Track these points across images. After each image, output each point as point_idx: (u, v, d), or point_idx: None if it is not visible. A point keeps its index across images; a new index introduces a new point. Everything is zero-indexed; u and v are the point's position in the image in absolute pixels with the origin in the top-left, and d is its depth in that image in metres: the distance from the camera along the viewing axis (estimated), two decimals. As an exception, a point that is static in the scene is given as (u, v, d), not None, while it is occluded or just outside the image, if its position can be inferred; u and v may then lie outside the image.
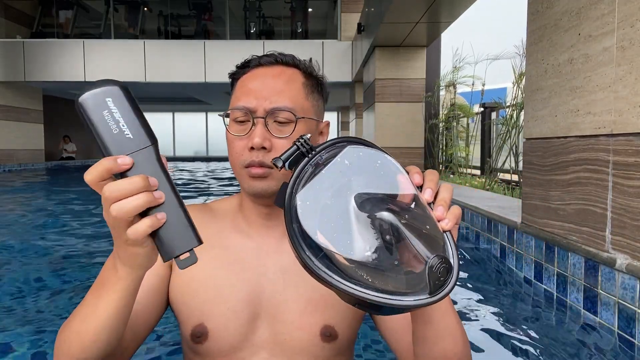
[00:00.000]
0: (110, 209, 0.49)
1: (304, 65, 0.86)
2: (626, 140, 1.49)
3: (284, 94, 0.80)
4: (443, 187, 0.58)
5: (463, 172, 7.31)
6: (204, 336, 0.80)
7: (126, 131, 0.50)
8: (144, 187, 0.49)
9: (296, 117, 0.79)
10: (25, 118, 13.50)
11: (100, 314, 0.59)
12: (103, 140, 0.50)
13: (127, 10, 14.15)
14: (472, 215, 2.98)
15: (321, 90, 0.87)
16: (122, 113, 0.51)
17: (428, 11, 6.19)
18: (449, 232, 0.55)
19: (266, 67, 0.83)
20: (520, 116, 5.21)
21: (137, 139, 0.51)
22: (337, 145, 0.57)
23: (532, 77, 2.14)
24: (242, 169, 0.80)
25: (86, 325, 0.60)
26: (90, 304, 0.60)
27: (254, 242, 0.85)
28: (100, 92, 0.51)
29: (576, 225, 1.76)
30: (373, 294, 0.48)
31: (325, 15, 14.79)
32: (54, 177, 10.42)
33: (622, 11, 1.52)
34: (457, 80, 7.69)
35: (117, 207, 0.49)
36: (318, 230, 0.49)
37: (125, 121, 0.51)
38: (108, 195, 0.49)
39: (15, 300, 2.04)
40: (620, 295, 1.49)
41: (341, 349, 0.85)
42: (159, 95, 15.98)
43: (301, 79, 0.83)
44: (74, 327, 0.62)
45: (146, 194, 0.49)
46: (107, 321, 0.59)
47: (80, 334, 0.61)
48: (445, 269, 0.49)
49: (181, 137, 21.99)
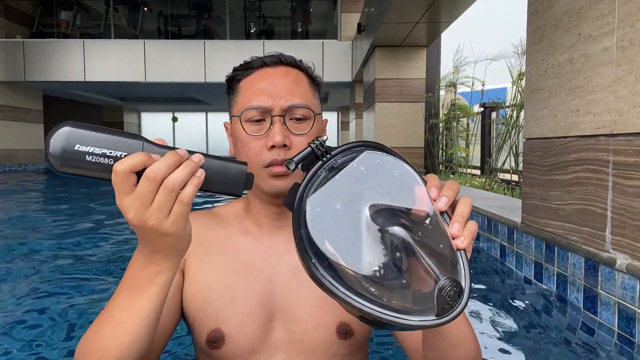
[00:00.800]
0: (166, 183, 0.51)
1: (305, 66, 0.87)
2: (626, 140, 1.49)
3: (296, 92, 0.81)
4: (462, 200, 0.56)
5: (463, 172, 7.31)
6: (221, 341, 0.80)
7: (116, 153, 0.50)
8: (181, 158, 0.52)
9: (314, 113, 0.81)
10: (25, 118, 13.50)
11: (139, 312, 0.58)
12: (108, 176, 0.50)
13: (127, 10, 14.15)
14: (472, 215, 2.98)
15: (319, 90, 0.90)
16: (97, 143, 0.49)
17: (428, 11, 6.19)
18: (463, 251, 0.52)
19: (272, 67, 0.83)
20: (520, 116, 5.21)
21: (130, 149, 0.51)
22: (354, 149, 0.54)
23: (532, 77, 2.14)
24: (261, 169, 0.79)
25: (123, 327, 0.58)
26: (125, 306, 0.58)
27: (264, 244, 0.85)
28: (64, 147, 0.48)
29: (576, 225, 1.76)
30: (378, 309, 0.46)
31: (325, 15, 14.79)
32: (54, 176, 10.43)
33: (622, 11, 1.52)
34: (457, 81, 7.70)
35: (171, 180, 0.51)
36: (326, 239, 0.47)
37: (107, 147, 0.50)
38: (155, 174, 0.50)
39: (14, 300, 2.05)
40: (620, 295, 1.49)
41: (357, 346, 0.85)
42: (159, 95, 15.97)
43: (306, 79, 0.85)
44: (107, 334, 0.59)
45: (187, 162, 0.52)
46: (146, 319, 0.58)
47: (118, 338, 0.59)
48: (455, 293, 0.47)
49: (181, 137, 21.98)
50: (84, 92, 15.16)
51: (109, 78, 12.35)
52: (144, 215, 0.51)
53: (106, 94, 16.02)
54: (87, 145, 0.49)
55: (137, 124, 21.59)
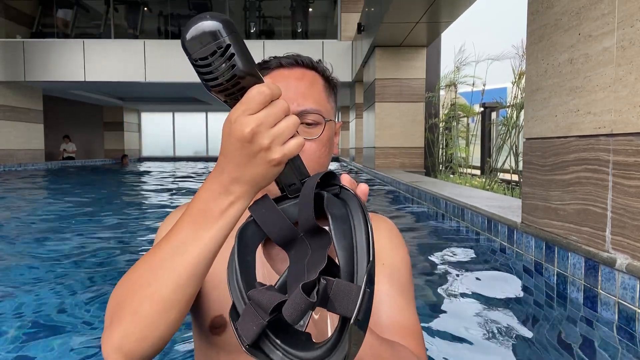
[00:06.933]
0: (292, 115, 0.52)
1: (322, 67, 0.86)
2: (626, 140, 1.49)
3: (310, 96, 0.80)
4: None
5: (463, 172, 7.31)
6: (223, 327, 0.80)
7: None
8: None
9: (325, 119, 0.80)
10: (25, 118, 13.50)
11: (205, 243, 0.56)
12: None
13: (127, 10, 14.15)
14: (472, 215, 2.98)
15: (335, 92, 0.88)
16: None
17: (428, 11, 6.19)
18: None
19: (288, 69, 0.83)
20: (520, 116, 5.21)
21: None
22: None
23: (532, 77, 2.14)
24: None
25: (184, 258, 0.56)
26: (189, 238, 0.56)
27: None
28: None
29: (576, 225, 1.76)
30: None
31: (325, 15, 14.79)
32: (55, 177, 10.43)
33: (622, 11, 1.52)
34: (457, 80, 7.71)
35: (296, 118, 0.52)
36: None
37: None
38: (288, 106, 0.52)
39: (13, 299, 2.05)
40: (620, 295, 1.49)
41: None
42: (159, 95, 15.98)
43: (321, 82, 0.84)
44: (165, 265, 0.56)
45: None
46: (210, 253, 0.56)
47: (177, 269, 0.56)
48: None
49: (181, 137, 21.99)
50: (84, 92, 15.17)
51: (109, 78, 12.36)
52: (264, 133, 0.51)
53: (106, 94, 16.02)
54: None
55: (137, 124, 21.59)
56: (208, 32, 0.47)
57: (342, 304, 0.42)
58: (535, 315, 1.84)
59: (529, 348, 1.55)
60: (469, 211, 3.05)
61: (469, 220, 3.04)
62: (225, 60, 0.48)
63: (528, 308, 1.91)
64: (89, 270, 2.54)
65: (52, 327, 1.74)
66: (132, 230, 3.87)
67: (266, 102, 0.51)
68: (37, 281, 2.31)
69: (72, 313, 1.88)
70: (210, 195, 0.56)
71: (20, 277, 2.37)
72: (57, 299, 2.04)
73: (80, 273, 2.49)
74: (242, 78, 0.49)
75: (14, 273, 2.46)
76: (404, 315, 0.78)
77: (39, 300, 2.03)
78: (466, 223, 3.10)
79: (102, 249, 3.07)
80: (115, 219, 4.31)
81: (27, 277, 2.37)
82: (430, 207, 4.14)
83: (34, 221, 4.28)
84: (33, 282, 2.30)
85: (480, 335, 1.63)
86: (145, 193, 6.98)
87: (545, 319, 1.78)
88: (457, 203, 3.34)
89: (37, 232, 3.68)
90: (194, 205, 0.57)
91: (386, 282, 0.80)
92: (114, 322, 0.58)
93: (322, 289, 0.43)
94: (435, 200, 3.99)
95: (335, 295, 0.43)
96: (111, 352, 0.58)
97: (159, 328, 0.57)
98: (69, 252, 2.96)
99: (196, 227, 0.56)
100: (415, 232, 3.55)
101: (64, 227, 3.90)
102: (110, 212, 4.77)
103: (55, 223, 4.15)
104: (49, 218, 4.45)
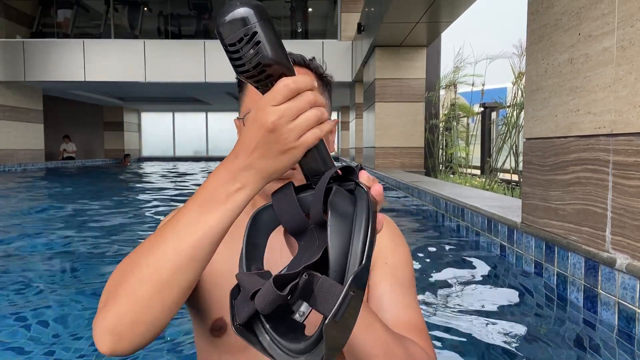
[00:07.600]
0: (317, 108, 0.52)
1: (314, 65, 0.86)
2: (626, 140, 1.49)
3: None
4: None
5: (463, 172, 7.32)
6: (223, 329, 0.80)
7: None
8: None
9: None
10: (25, 118, 13.50)
11: (208, 227, 0.56)
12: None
13: (127, 10, 14.15)
14: (472, 215, 2.98)
15: (330, 90, 0.88)
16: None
17: (428, 11, 6.19)
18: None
19: None
20: (520, 116, 5.21)
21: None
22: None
23: (532, 77, 2.14)
24: None
25: (187, 240, 0.56)
26: (193, 220, 0.56)
27: (270, 236, 0.85)
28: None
29: (576, 225, 1.76)
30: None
31: (325, 15, 14.78)
32: (55, 176, 10.43)
33: (622, 11, 1.52)
34: (457, 80, 7.71)
35: (321, 111, 0.52)
36: None
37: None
38: (314, 99, 0.52)
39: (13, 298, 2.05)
40: (620, 295, 1.49)
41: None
42: (159, 95, 15.98)
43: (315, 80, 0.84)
44: (167, 247, 0.56)
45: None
46: (213, 237, 0.57)
47: (177, 251, 0.56)
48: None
49: (181, 137, 21.99)
50: (84, 92, 15.17)
51: (109, 78, 12.36)
52: (286, 125, 0.51)
53: (106, 94, 16.02)
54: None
55: (137, 124, 21.59)
56: (238, 18, 0.47)
57: (322, 302, 0.42)
58: (535, 315, 1.84)
59: (528, 348, 1.55)
60: (469, 211, 3.05)
61: (469, 220, 3.04)
62: (251, 46, 0.48)
63: (528, 308, 1.91)
64: (88, 270, 2.54)
65: (52, 327, 1.74)
66: (136, 229, 3.88)
67: (290, 95, 0.51)
68: (37, 281, 2.31)
69: (73, 313, 1.88)
70: (218, 181, 0.56)
71: (20, 278, 2.37)
72: (57, 299, 2.04)
73: (81, 273, 2.49)
74: (268, 66, 0.49)
75: (14, 273, 2.46)
76: (408, 312, 0.78)
77: (40, 300, 2.03)
78: (466, 223, 3.10)
79: (103, 249, 3.07)
80: (120, 219, 4.31)
81: (27, 277, 2.37)
82: (431, 207, 4.14)
83: (34, 221, 4.29)
84: (33, 282, 2.30)
85: (479, 335, 1.63)
86: (149, 192, 6.98)
87: (545, 319, 1.78)
88: (457, 203, 3.34)
89: (38, 232, 3.68)
90: (200, 191, 0.58)
91: (389, 280, 0.80)
92: (109, 302, 0.58)
93: (305, 283, 0.43)
94: (435, 200, 3.99)
95: (318, 292, 0.43)
96: (103, 333, 0.57)
97: (154, 310, 0.57)
98: (69, 252, 2.96)
99: (202, 210, 0.57)
100: (415, 232, 3.55)
101: (64, 227, 3.90)
102: (115, 211, 4.77)
103: (55, 223, 4.15)
104: (50, 218, 4.45)
